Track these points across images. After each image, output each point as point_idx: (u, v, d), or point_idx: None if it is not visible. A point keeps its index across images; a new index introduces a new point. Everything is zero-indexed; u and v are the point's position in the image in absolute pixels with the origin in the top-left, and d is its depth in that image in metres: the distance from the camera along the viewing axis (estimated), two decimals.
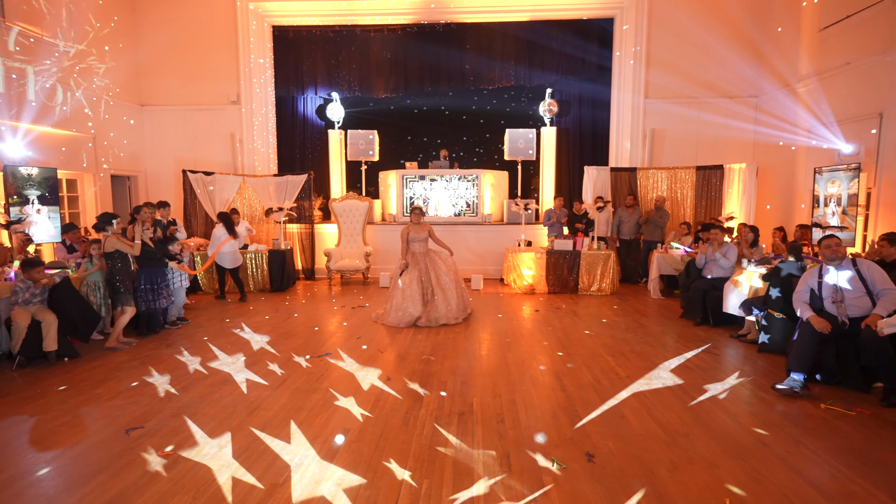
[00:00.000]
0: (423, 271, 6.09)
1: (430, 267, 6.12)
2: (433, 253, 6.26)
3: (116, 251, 5.06)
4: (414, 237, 6.15)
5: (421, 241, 6.18)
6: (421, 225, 6.19)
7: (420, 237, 6.17)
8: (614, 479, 2.69)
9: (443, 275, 6.14)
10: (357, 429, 3.28)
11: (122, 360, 4.68)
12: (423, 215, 6.31)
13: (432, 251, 6.28)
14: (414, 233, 6.15)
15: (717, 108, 9.03)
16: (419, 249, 6.18)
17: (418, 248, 6.18)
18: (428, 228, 6.24)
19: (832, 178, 6.53)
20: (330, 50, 9.85)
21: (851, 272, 3.99)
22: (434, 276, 6.09)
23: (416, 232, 6.15)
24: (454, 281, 6.17)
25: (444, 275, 6.14)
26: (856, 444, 3.06)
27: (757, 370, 4.40)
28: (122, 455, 2.94)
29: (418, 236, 6.15)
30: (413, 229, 6.16)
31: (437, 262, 6.22)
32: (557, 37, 9.53)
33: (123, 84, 9.06)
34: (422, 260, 6.14)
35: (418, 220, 6.19)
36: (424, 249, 6.21)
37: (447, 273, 6.17)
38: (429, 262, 6.15)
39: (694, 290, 6.05)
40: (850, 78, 6.66)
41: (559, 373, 4.35)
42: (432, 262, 6.17)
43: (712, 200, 8.68)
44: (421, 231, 6.17)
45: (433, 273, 6.10)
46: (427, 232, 6.21)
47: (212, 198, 8.71)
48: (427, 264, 6.13)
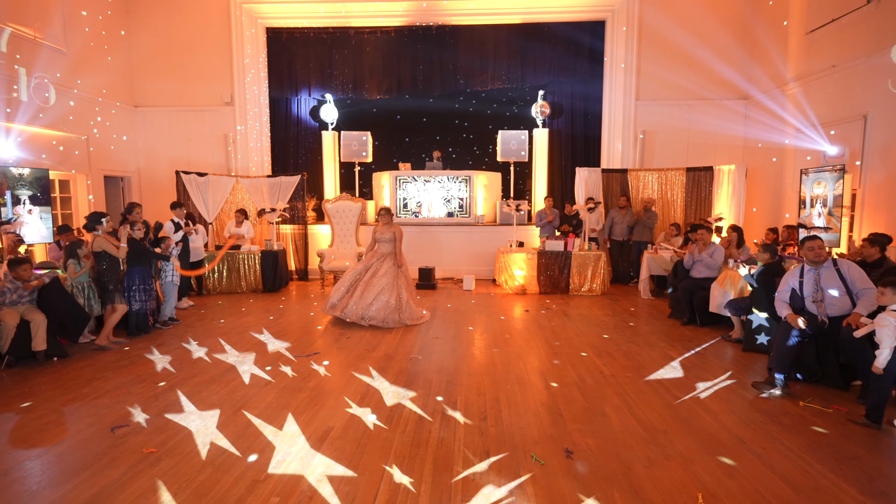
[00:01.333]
0: (364, 266, 6.12)
1: (375, 267, 6.09)
2: (391, 259, 6.13)
3: (104, 251, 5.08)
4: (380, 237, 6.20)
5: (386, 241, 6.17)
6: (389, 225, 6.21)
7: (385, 237, 6.16)
8: (590, 474, 2.73)
9: (379, 277, 6.00)
10: (341, 426, 3.32)
11: (110, 360, 4.70)
12: (391, 216, 6.31)
13: (391, 257, 6.13)
14: (379, 232, 6.20)
15: (707, 110, 9.10)
16: (384, 250, 6.18)
17: (383, 249, 6.18)
18: (394, 230, 6.18)
19: (818, 180, 6.59)
20: (323, 51, 9.89)
21: (832, 272, 4.05)
22: (370, 274, 6.04)
23: (381, 232, 6.19)
24: (387, 289, 5.94)
25: (379, 278, 5.99)
26: (830, 440, 3.12)
27: (740, 369, 4.46)
28: (105, 452, 2.97)
29: (383, 236, 6.18)
30: (380, 229, 6.22)
31: (384, 267, 6.07)
32: (549, 39, 9.60)
33: (117, 85, 9.09)
34: (375, 258, 6.15)
35: (387, 221, 6.23)
36: (388, 251, 6.16)
37: (383, 276, 6.00)
38: (377, 262, 6.12)
39: (681, 291, 6.11)
40: (835, 80, 6.73)
41: (545, 372, 4.39)
42: (379, 263, 6.11)
43: (702, 201, 8.75)
44: (386, 231, 6.17)
45: (370, 272, 6.06)
46: (393, 234, 6.16)
47: (205, 199, 8.74)
48: (374, 263, 6.12)
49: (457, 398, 3.79)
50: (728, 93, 9.02)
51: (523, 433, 3.22)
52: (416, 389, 3.97)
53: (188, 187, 8.53)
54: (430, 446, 3.05)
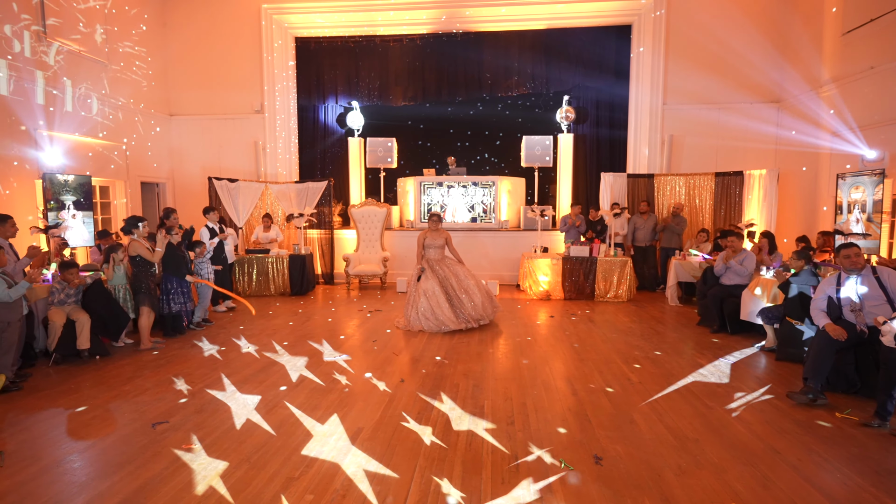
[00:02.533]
0: (442, 277, 6.07)
1: (448, 272, 6.11)
2: (448, 259, 6.27)
3: (139, 255, 5.27)
4: (430, 243, 6.16)
5: (437, 247, 6.17)
6: (438, 231, 6.20)
7: (436, 244, 6.17)
8: (621, 481, 2.72)
9: (463, 278, 6.11)
10: (371, 427, 3.38)
11: (149, 360, 4.89)
12: (440, 221, 6.29)
13: (447, 258, 6.28)
14: (430, 238, 6.16)
15: (737, 114, 8.93)
16: (434, 256, 6.17)
17: (433, 255, 6.17)
18: (445, 235, 6.24)
19: (856, 184, 6.40)
20: (350, 60, 10.10)
21: (871, 280, 3.93)
22: (455, 280, 6.06)
23: (433, 238, 6.16)
24: (476, 283, 6.14)
25: (464, 278, 6.11)
26: (870, 453, 3.03)
27: (773, 378, 4.35)
28: (147, 447, 3.10)
29: (434, 242, 6.16)
30: (430, 235, 6.17)
31: (454, 265, 6.22)
32: (574, 44, 9.59)
33: (153, 95, 9.46)
34: (438, 266, 6.14)
35: (436, 227, 6.19)
36: (440, 256, 6.19)
37: (467, 276, 6.15)
38: (446, 267, 6.15)
39: (711, 298, 6.00)
40: (873, 82, 6.54)
41: (571, 378, 4.38)
42: (450, 267, 6.17)
43: (731, 207, 8.57)
44: (438, 237, 6.17)
45: (453, 277, 6.08)
46: (444, 239, 6.21)
47: (236, 204, 8.99)
48: (446, 270, 6.13)
49: (483, 402, 3.82)
50: (759, 96, 8.84)
51: (551, 438, 3.22)
52: (444, 392, 4.01)
53: (220, 193, 8.80)
54: (458, 449, 3.08)
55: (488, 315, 6.13)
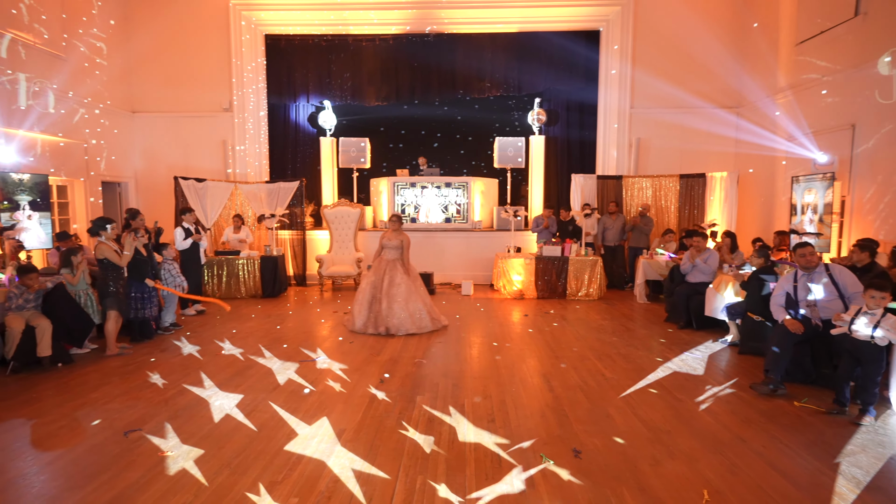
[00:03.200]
0: (378, 278, 6.05)
1: (386, 275, 6.04)
2: (399, 264, 6.15)
3: (106, 258, 5.07)
4: (387, 243, 6.18)
5: (393, 248, 6.16)
6: (398, 232, 6.18)
7: (392, 244, 6.15)
8: (599, 473, 2.82)
9: (396, 285, 5.99)
10: (352, 429, 3.38)
11: (116, 366, 4.72)
12: (401, 223, 6.28)
13: (398, 262, 6.15)
14: (387, 239, 6.18)
15: (699, 118, 9.30)
16: (389, 256, 6.15)
17: (389, 255, 6.16)
18: (402, 238, 6.18)
19: (809, 187, 6.78)
20: (322, 58, 9.98)
21: (825, 277, 4.19)
22: (387, 283, 5.99)
23: (390, 238, 6.16)
24: (406, 295, 5.98)
25: (396, 285, 5.99)
26: (827, 438, 3.24)
27: (737, 371, 4.58)
28: (121, 456, 3.01)
29: (391, 243, 6.15)
30: (388, 235, 6.19)
31: (396, 273, 6.07)
32: (546, 48, 9.77)
33: (115, 91, 9.10)
34: (384, 267, 6.10)
35: (396, 227, 6.20)
36: (394, 257, 6.15)
37: (400, 284, 6.00)
38: (389, 269, 6.09)
39: (678, 295, 6.24)
40: (825, 91, 6.94)
41: (547, 374, 4.48)
42: (391, 271, 6.07)
43: (695, 208, 8.93)
44: (394, 238, 6.14)
45: (387, 281, 6.00)
46: (401, 241, 6.15)
47: (203, 204, 8.75)
48: (385, 271, 6.07)
49: (464, 401, 3.87)
50: (720, 101, 9.23)
51: (531, 434, 3.30)
52: (424, 392, 4.03)
53: (187, 193, 8.53)
54: (441, 447, 3.12)
55: (406, 328, 5.88)
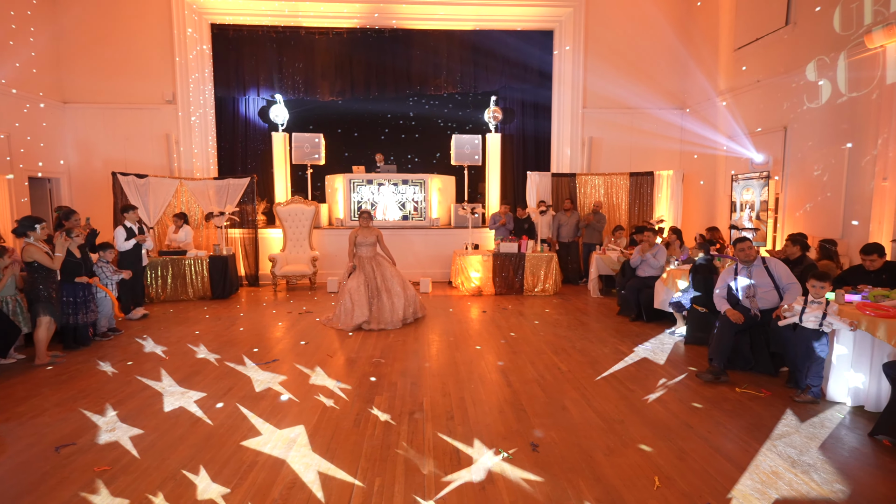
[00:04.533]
0: (369, 275, 6.11)
1: (375, 270, 6.16)
2: (380, 257, 6.31)
3: (36, 261, 4.69)
4: (361, 241, 6.19)
5: (368, 245, 6.21)
6: (369, 229, 6.26)
7: (367, 241, 6.21)
8: (556, 465, 2.87)
9: (389, 278, 6.16)
10: (308, 431, 3.27)
11: (46, 376, 4.37)
12: (371, 219, 6.34)
13: (379, 255, 6.32)
14: (361, 236, 6.19)
15: (647, 119, 9.68)
16: (366, 254, 6.21)
17: (365, 253, 6.21)
18: (376, 233, 6.30)
19: (747, 186, 7.19)
20: (273, 51, 9.65)
21: (762, 270, 4.45)
22: (380, 278, 6.11)
23: (364, 236, 6.20)
24: (401, 284, 6.21)
25: (389, 278, 6.16)
26: (764, 421, 3.43)
27: (684, 360, 4.79)
28: (51, 474, 2.78)
29: (366, 240, 6.20)
30: (361, 233, 6.21)
31: (384, 265, 6.27)
32: (501, 46, 9.86)
33: (43, 79, 8.44)
34: (368, 264, 6.18)
35: (367, 224, 6.25)
36: (372, 254, 6.25)
37: (393, 276, 6.20)
38: (375, 265, 6.20)
39: (629, 289, 6.46)
40: (760, 94, 7.38)
41: (506, 370, 4.53)
42: (378, 265, 6.22)
43: (644, 205, 9.28)
44: (369, 235, 6.22)
45: (379, 276, 6.13)
46: (375, 236, 6.27)
47: (146, 202, 8.27)
48: (373, 268, 6.17)
49: (423, 399, 3.84)
50: (666, 103, 9.64)
51: (490, 430, 3.32)
52: (382, 393, 3.97)
53: (126, 190, 8.03)
54: (399, 448, 3.08)
55: (408, 318, 6.16)
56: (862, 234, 5.61)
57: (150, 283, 7.56)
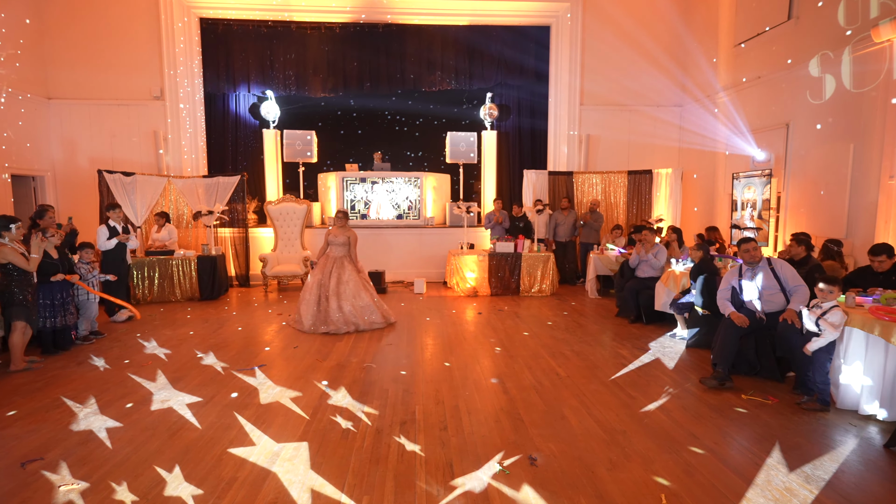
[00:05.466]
0: (325, 275, 5.96)
1: (334, 272, 5.96)
2: (346, 260, 6.05)
3: (10, 263, 4.47)
4: (333, 240, 6.07)
5: (339, 244, 6.06)
6: (344, 229, 6.12)
7: (338, 241, 6.05)
8: (556, 481, 2.69)
9: (344, 282, 5.91)
10: (293, 443, 3.09)
11: (20, 383, 4.16)
12: (347, 219, 6.19)
13: (347, 259, 6.06)
14: (333, 235, 6.08)
15: (645, 116, 9.52)
16: (335, 253, 6.07)
17: (335, 252, 6.07)
18: (349, 235, 6.10)
19: (748, 184, 7.04)
20: (264, 46, 9.42)
21: (767, 271, 4.29)
22: (335, 281, 5.91)
23: (336, 235, 6.07)
24: (354, 292, 5.91)
25: (345, 283, 5.91)
26: (774, 431, 3.27)
27: (686, 365, 4.63)
28: (14, 493, 2.58)
29: (337, 240, 6.06)
30: (334, 232, 6.10)
31: (345, 269, 5.99)
32: (497, 42, 9.67)
33: (26, 74, 8.19)
34: (331, 264, 6.01)
35: (342, 224, 6.12)
36: (341, 254, 6.06)
37: (348, 282, 5.92)
38: (336, 267, 5.99)
39: (628, 290, 6.30)
40: (761, 90, 7.23)
41: (501, 375, 4.35)
42: (340, 268, 5.99)
43: (643, 203, 9.12)
44: (340, 235, 6.06)
45: (335, 279, 5.92)
46: (347, 238, 6.07)
47: (132, 201, 8.03)
48: (333, 269, 5.98)
49: (415, 408, 3.66)
50: (664, 100, 9.48)
51: (485, 441, 3.14)
52: (372, 400, 3.79)
53: (113, 188, 7.80)
54: (389, 462, 2.90)
55: (362, 325, 5.82)
56: (867, 233, 5.47)
57: (136, 284, 7.34)
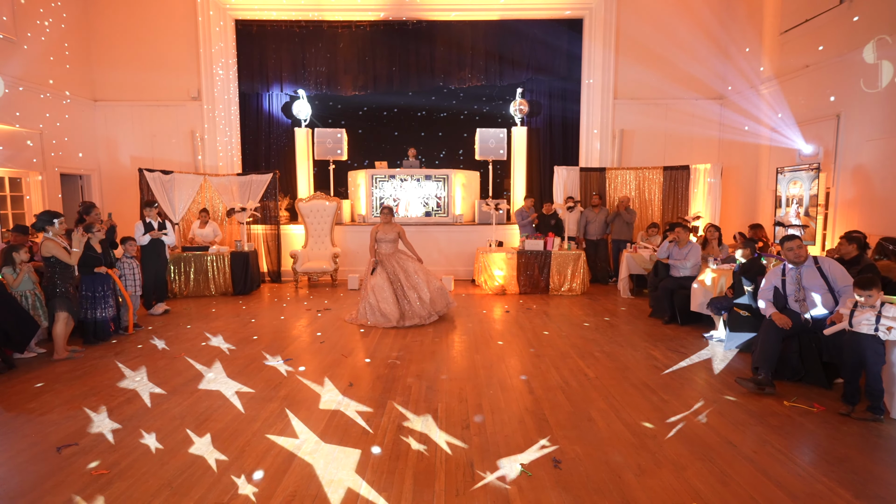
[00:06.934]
0: (391, 272, 5.97)
1: (398, 267, 6.00)
2: (400, 254, 6.14)
3: (53, 256, 4.68)
4: (382, 237, 6.05)
5: (389, 241, 6.07)
6: (391, 224, 6.11)
7: (388, 237, 6.06)
8: (581, 485, 2.59)
9: (412, 274, 5.99)
10: (315, 437, 3.09)
11: (61, 372, 4.35)
12: (392, 215, 6.20)
13: (400, 252, 6.14)
14: (382, 232, 6.06)
15: (683, 110, 9.16)
16: (387, 250, 6.07)
17: (385, 249, 6.07)
18: (398, 229, 6.14)
19: (794, 179, 6.66)
20: (296, 46, 9.58)
21: (814, 271, 4.02)
22: (403, 275, 5.95)
23: (385, 232, 6.06)
24: (425, 279, 6.01)
25: (413, 274, 6.00)
26: (819, 441, 3.06)
27: (724, 369, 4.40)
28: (49, 476, 2.68)
29: (386, 236, 6.05)
30: (382, 228, 6.08)
31: (406, 261, 6.09)
32: (527, 37, 9.51)
33: (74, 77, 8.60)
34: (389, 261, 6.03)
35: (388, 220, 6.12)
36: (392, 250, 6.10)
37: (417, 272, 6.02)
38: (396, 262, 6.04)
39: (662, 290, 6.06)
40: (809, 80, 6.82)
41: (528, 375, 4.25)
42: (399, 261, 6.06)
43: (679, 200, 8.78)
44: (390, 231, 6.07)
45: (402, 273, 5.97)
46: (396, 233, 6.12)
47: (171, 198, 8.32)
48: (395, 265, 6.02)
49: (437, 405, 3.61)
50: (703, 92, 9.09)
51: (508, 442, 3.06)
52: (395, 396, 3.77)
53: (153, 186, 8.10)
54: (409, 459, 2.86)
55: (438, 312, 6.01)
56: None
57: (172, 278, 7.59)
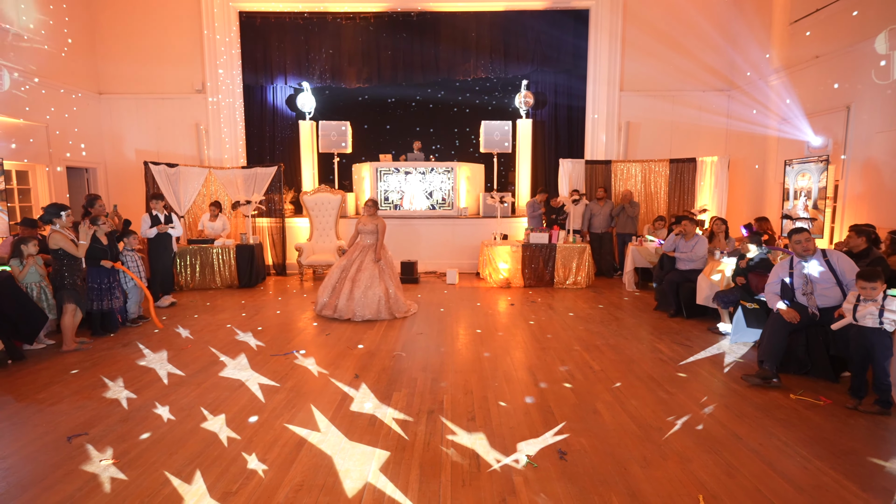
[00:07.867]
0: (349, 261, 6.05)
1: (357, 260, 6.04)
2: (372, 250, 6.07)
3: (61, 248, 4.71)
4: (362, 228, 6.13)
5: (368, 233, 6.10)
6: (373, 217, 6.14)
7: (367, 229, 6.10)
8: (586, 477, 2.60)
9: (363, 269, 5.94)
10: (321, 429, 3.11)
11: (70, 363, 4.39)
12: (377, 208, 6.23)
13: (373, 249, 6.06)
14: (362, 224, 6.13)
15: (690, 101, 9.07)
16: (367, 241, 6.12)
17: (366, 241, 6.13)
18: (377, 223, 6.11)
19: (802, 171, 6.59)
20: (300, 38, 9.53)
21: (821, 264, 3.99)
22: (354, 269, 5.97)
23: (364, 223, 6.12)
24: (370, 279, 5.87)
25: (363, 270, 5.94)
26: (826, 434, 3.05)
27: (730, 362, 4.39)
28: (59, 465, 2.72)
29: (366, 228, 6.11)
30: (363, 220, 6.15)
31: (367, 258, 6.04)
32: (532, 28, 9.42)
33: (79, 70, 8.60)
34: (358, 252, 6.08)
35: (371, 213, 6.16)
36: (371, 242, 6.10)
37: (366, 269, 5.93)
38: (359, 256, 6.06)
39: (667, 283, 6.04)
40: (819, 71, 6.73)
41: (533, 367, 4.26)
42: (362, 256, 6.06)
43: (685, 193, 8.73)
44: (370, 223, 6.09)
45: (356, 265, 6.00)
46: (376, 226, 6.09)
47: (176, 191, 8.34)
48: (356, 258, 6.06)
49: (443, 397, 3.62)
50: (711, 84, 9.00)
51: (513, 433, 3.07)
52: (400, 388, 3.78)
53: (158, 179, 8.11)
54: (415, 450, 2.87)
55: (361, 315, 5.77)
56: None
57: (179, 271, 7.63)
